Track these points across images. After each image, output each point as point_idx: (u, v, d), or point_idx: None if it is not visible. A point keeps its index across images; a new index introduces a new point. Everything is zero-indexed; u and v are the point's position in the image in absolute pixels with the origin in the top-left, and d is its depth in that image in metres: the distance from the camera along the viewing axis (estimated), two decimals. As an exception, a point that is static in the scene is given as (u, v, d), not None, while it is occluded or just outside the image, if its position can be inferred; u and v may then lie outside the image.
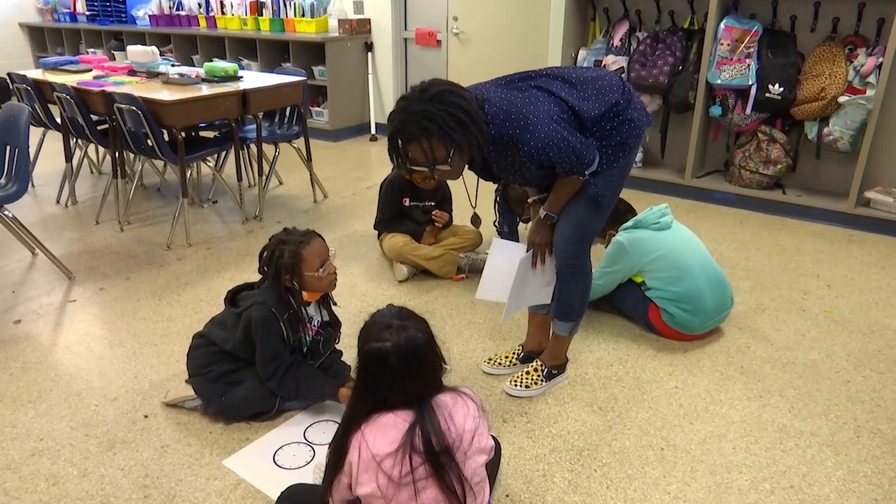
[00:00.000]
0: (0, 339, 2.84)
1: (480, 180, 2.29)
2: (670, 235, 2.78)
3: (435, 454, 1.48)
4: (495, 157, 2.08)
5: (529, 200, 2.39)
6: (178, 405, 2.37)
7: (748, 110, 4.22)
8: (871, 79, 3.85)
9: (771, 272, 3.51)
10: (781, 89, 4.06)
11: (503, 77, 2.12)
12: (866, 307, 3.13)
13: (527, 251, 2.33)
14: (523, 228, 3.32)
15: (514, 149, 1.99)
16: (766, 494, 1.99)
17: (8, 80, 4.40)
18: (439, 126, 1.84)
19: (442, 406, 1.54)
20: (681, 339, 2.81)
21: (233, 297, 2.35)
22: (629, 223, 2.83)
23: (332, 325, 2.43)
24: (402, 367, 1.50)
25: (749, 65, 4.11)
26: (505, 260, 2.33)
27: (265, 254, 2.25)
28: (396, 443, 1.48)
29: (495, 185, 3.11)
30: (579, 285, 2.33)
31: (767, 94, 4.10)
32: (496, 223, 3.24)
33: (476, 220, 3.14)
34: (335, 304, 2.46)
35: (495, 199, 3.18)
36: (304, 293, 2.26)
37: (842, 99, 3.92)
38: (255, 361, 2.24)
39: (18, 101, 4.24)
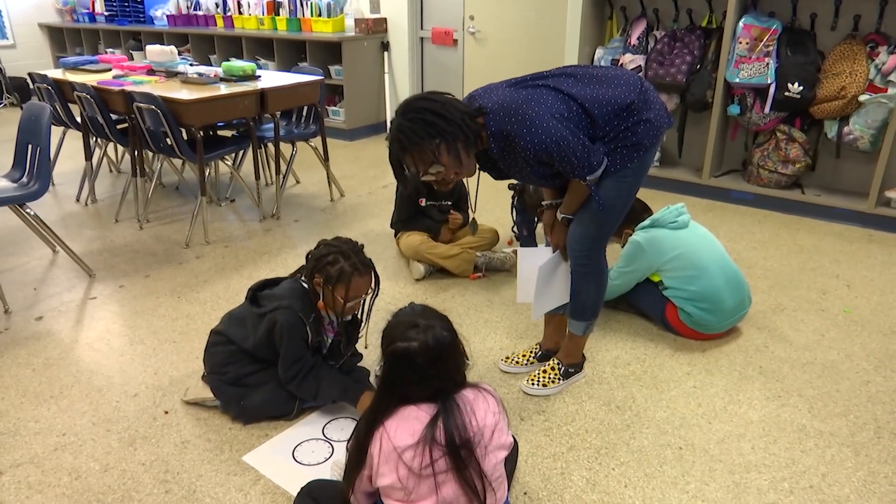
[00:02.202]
0: (22, 336, 2.88)
1: (479, 189, 2.36)
2: (687, 234, 2.77)
3: (455, 447, 1.49)
4: (498, 154, 2.08)
5: (543, 204, 2.40)
6: (198, 403, 2.39)
7: (767, 109, 4.19)
8: (893, 77, 3.81)
9: (790, 272, 3.48)
10: (801, 88, 4.03)
11: (515, 78, 2.13)
12: (886, 307, 3.10)
13: (552, 252, 2.39)
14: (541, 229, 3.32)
15: (514, 144, 2.00)
16: (786, 494, 1.98)
17: (29, 80, 4.45)
18: (410, 136, 1.95)
19: (465, 400, 1.56)
20: (698, 338, 2.80)
21: (255, 294, 2.33)
22: (646, 222, 2.82)
23: (353, 326, 2.43)
24: (429, 366, 1.51)
25: (768, 63, 4.08)
26: (532, 265, 2.40)
27: (321, 248, 2.24)
28: (418, 435, 1.49)
29: (511, 192, 3.11)
30: (592, 284, 2.33)
31: (786, 93, 4.06)
32: (514, 227, 3.23)
33: (473, 225, 3.22)
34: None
35: (512, 204, 3.18)
36: (319, 302, 2.26)
37: (862, 98, 3.88)
38: (273, 363, 2.25)
39: (39, 100, 4.29)
